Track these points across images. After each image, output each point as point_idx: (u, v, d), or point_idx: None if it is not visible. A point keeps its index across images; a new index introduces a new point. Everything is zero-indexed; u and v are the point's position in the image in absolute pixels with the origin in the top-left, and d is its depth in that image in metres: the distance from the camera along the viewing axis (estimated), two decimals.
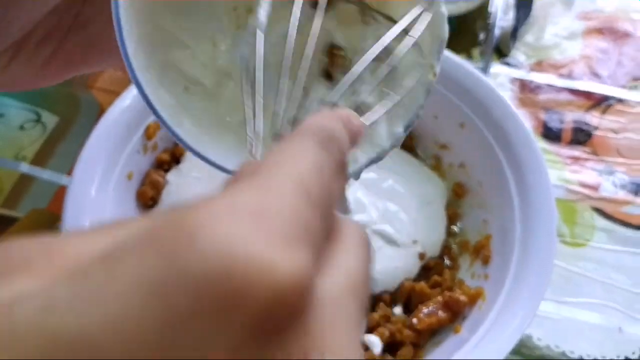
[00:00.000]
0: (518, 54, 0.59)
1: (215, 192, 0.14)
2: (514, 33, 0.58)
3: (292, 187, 0.14)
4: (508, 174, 0.42)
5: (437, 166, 0.48)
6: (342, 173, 0.18)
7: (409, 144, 0.49)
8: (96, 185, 0.41)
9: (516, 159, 0.42)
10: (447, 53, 0.47)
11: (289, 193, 0.14)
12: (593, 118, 0.54)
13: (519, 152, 0.42)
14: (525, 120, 0.44)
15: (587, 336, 0.43)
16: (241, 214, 0.13)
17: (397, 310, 0.41)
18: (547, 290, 0.36)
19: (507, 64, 0.58)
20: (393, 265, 0.41)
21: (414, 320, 0.39)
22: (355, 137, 0.19)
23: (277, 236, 0.13)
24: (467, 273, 0.42)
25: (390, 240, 0.42)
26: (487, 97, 0.45)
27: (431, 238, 0.43)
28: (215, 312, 0.11)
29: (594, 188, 0.50)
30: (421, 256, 0.42)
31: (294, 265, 0.12)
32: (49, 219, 0.49)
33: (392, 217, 0.43)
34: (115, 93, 0.46)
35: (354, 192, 0.43)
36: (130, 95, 0.45)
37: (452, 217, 0.45)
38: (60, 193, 0.51)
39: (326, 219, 0.15)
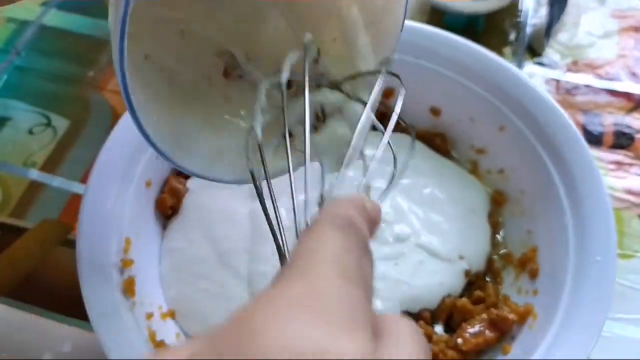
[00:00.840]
0: (552, 53, 0.56)
1: (268, 287, 0.17)
2: (547, 31, 0.55)
3: (331, 268, 0.17)
4: (557, 181, 0.39)
5: (473, 172, 0.45)
6: (367, 254, 0.20)
7: (444, 148, 0.46)
8: (113, 195, 0.38)
9: (565, 165, 0.39)
10: (483, 50, 0.44)
11: (331, 275, 0.17)
12: (634, 120, 0.51)
13: (568, 157, 0.39)
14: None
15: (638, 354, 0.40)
16: (297, 307, 0.15)
17: (438, 329, 0.38)
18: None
19: (541, 63, 0.55)
20: (436, 281, 0.38)
21: (459, 340, 0.36)
22: (372, 222, 0.21)
23: (335, 323, 0.15)
24: (513, 288, 0.39)
25: (433, 254, 0.39)
26: (529, 98, 0.42)
27: (477, 251, 0.40)
28: None
29: None
30: (467, 273, 0.39)
31: (358, 346, 0.15)
32: (60, 230, 0.46)
33: (435, 227, 0.40)
34: None
35: (393, 197, 0.40)
36: None
37: (494, 226, 0.42)
38: (72, 202, 0.48)
39: (368, 293, 0.18)
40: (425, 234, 0.39)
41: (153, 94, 0.29)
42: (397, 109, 0.29)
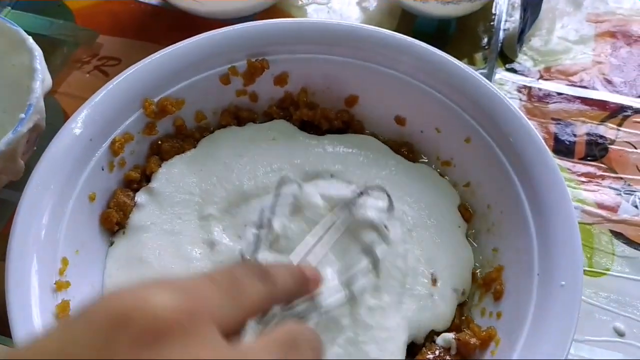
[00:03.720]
0: (525, 59, 0.54)
1: None
2: (520, 36, 0.54)
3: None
4: (522, 197, 0.37)
5: None
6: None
7: (411, 158, 0.44)
8: (49, 211, 0.35)
9: (531, 179, 0.37)
10: (450, 58, 0.42)
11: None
12: (609, 130, 0.49)
13: (534, 170, 0.37)
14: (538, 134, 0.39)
15: None
16: (148, 284, 0.21)
17: None
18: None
19: (513, 70, 0.53)
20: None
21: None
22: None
23: (159, 286, 0.21)
24: (476, 309, 0.37)
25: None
26: (496, 108, 0.40)
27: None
28: (110, 329, 0.19)
29: (613, 209, 0.45)
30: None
31: (165, 300, 0.20)
32: (2, 245, 0.43)
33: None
34: (80, 98, 0.41)
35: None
36: (95, 102, 0.39)
37: None
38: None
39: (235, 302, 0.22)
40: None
41: None
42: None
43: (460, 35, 0.55)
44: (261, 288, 0.23)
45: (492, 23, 0.56)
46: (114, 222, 0.39)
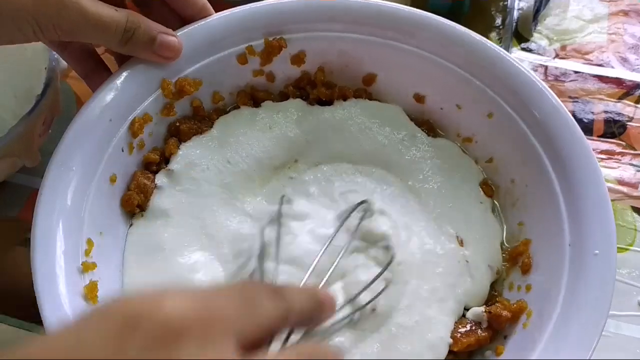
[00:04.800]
0: (540, 39, 0.53)
1: None
2: (535, 15, 0.53)
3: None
4: (549, 170, 0.36)
5: None
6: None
7: (431, 136, 0.43)
8: (72, 192, 0.35)
9: (558, 151, 0.37)
10: (468, 31, 0.41)
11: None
12: (626, 107, 0.49)
13: (561, 142, 0.37)
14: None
15: (634, 354, 0.38)
16: (163, 290, 0.21)
17: None
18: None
19: (529, 49, 0.53)
20: None
21: (450, 340, 0.34)
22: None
23: (175, 292, 0.21)
24: (504, 283, 0.37)
25: None
26: (518, 82, 0.39)
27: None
28: (122, 330, 0.19)
29: (634, 186, 0.45)
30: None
31: (178, 305, 0.20)
32: (18, 229, 0.43)
33: None
34: None
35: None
36: (111, 85, 0.39)
37: None
38: (33, 198, 0.45)
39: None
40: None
41: None
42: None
43: (474, 16, 0.54)
44: (278, 305, 0.23)
45: (506, 3, 0.55)
46: (134, 204, 0.39)
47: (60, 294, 0.32)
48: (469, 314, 0.35)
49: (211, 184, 0.40)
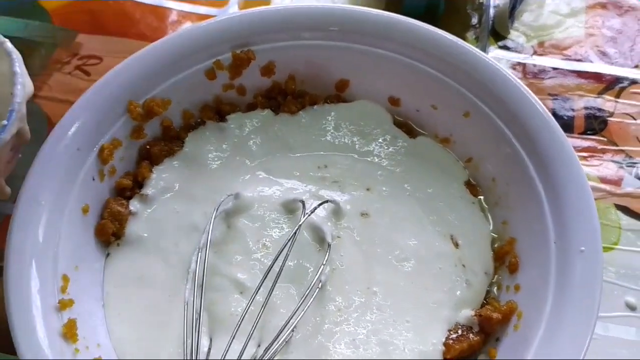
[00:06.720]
0: (517, 36, 0.53)
1: None
2: (511, 12, 0.52)
3: None
4: (530, 167, 0.36)
5: None
6: None
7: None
8: (43, 228, 0.34)
9: (536, 147, 0.36)
10: (440, 32, 0.41)
11: None
12: (606, 103, 0.48)
13: (539, 137, 0.36)
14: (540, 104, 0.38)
15: (623, 355, 0.38)
16: None
17: None
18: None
19: (506, 47, 0.52)
20: None
21: (441, 347, 0.33)
22: None
23: None
24: (493, 284, 0.37)
25: None
26: (493, 80, 0.39)
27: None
28: None
29: (616, 183, 0.44)
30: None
31: None
32: None
33: None
34: (63, 102, 0.39)
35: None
36: (76, 112, 0.38)
37: None
38: (6, 224, 0.44)
39: None
40: None
41: None
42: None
43: (450, 15, 0.53)
44: None
45: (481, 1, 0.54)
46: (109, 233, 0.38)
47: (38, 336, 0.31)
48: (459, 318, 0.34)
49: (182, 212, 0.39)
